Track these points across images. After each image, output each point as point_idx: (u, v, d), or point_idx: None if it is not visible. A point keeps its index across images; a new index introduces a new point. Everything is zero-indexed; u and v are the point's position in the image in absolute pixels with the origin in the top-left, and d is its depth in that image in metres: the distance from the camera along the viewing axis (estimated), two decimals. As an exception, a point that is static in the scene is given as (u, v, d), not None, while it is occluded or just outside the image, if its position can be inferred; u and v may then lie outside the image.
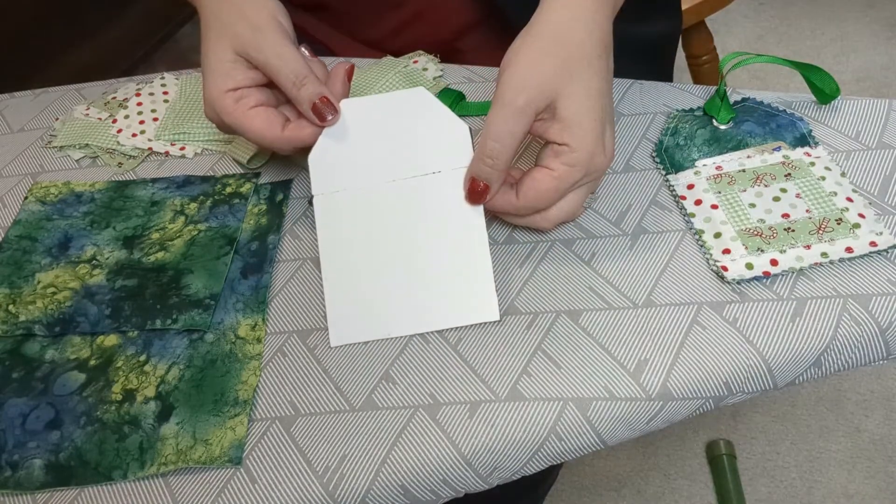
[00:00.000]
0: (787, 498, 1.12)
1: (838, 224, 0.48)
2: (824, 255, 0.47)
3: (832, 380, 1.23)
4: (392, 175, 0.51)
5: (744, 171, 0.53)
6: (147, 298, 0.53)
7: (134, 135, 0.67)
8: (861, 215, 0.49)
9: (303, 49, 0.54)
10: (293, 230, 0.57)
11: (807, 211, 0.50)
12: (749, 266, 0.48)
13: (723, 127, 0.56)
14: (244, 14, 0.52)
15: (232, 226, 0.57)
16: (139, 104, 0.69)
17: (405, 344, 0.49)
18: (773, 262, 0.48)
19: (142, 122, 0.68)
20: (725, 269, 0.48)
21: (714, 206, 0.51)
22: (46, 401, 0.49)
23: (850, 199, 0.50)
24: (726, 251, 0.49)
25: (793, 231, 0.49)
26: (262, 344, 0.50)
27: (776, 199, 0.51)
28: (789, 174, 0.52)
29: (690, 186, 0.53)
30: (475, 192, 0.48)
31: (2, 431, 0.47)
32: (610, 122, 0.48)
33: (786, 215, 0.50)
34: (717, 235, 0.50)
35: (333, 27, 0.77)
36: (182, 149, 0.65)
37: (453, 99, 0.63)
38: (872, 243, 0.47)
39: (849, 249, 0.47)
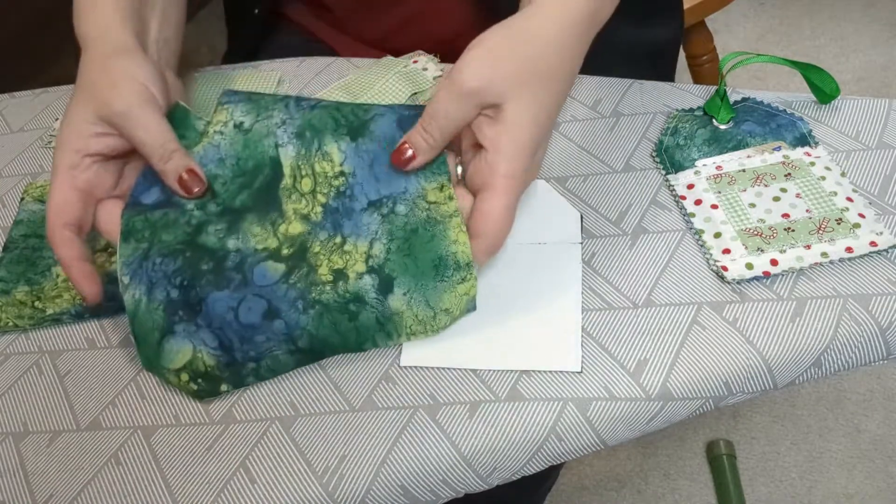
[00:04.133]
0: (787, 498, 1.12)
1: (838, 224, 0.48)
2: (824, 254, 0.47)
3: (832, 380, 1.23)
4: None
5: (744, 170, 0.53)
6: None
7: (134, 135, 0.67)
8: (861, 215, 0.49)
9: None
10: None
11: (807, 211, 0.50)
12: (749, 266, 0.48)
13: (723, 127, 0.56)
14: (114, 80, 0.48)
15: None
16: (139, 104, 0.69)
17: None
18: (773, 262, 0.47)
19: (141, 122, 0.67)
20: (725, 268, 0.48)
21: (714, 206, 0.51)
22: (252, 292, 0.47)
23: (850, 199, 0.50)
24: (726, 251, 0.49)
25: (793, 231, 0.49)
26: (455, 201, 0.47)
27: (776, 198, 0.51)
28: (789, 174, 0.52)
29: (690, 186, 0.53)
30: (401, 154, 0.47)
31: (220, 330, 0.46)
32: (543, 146, 0.47)
33: (786, 215, 0.50)
34: (717, 235, 0.50)
35: (335, 26, 0.77)
36: (182, 149, 0.65)
37: (453, 99, 0.63)
38: (872, 243, 0.47)
39: (849, 249, 0.47)
